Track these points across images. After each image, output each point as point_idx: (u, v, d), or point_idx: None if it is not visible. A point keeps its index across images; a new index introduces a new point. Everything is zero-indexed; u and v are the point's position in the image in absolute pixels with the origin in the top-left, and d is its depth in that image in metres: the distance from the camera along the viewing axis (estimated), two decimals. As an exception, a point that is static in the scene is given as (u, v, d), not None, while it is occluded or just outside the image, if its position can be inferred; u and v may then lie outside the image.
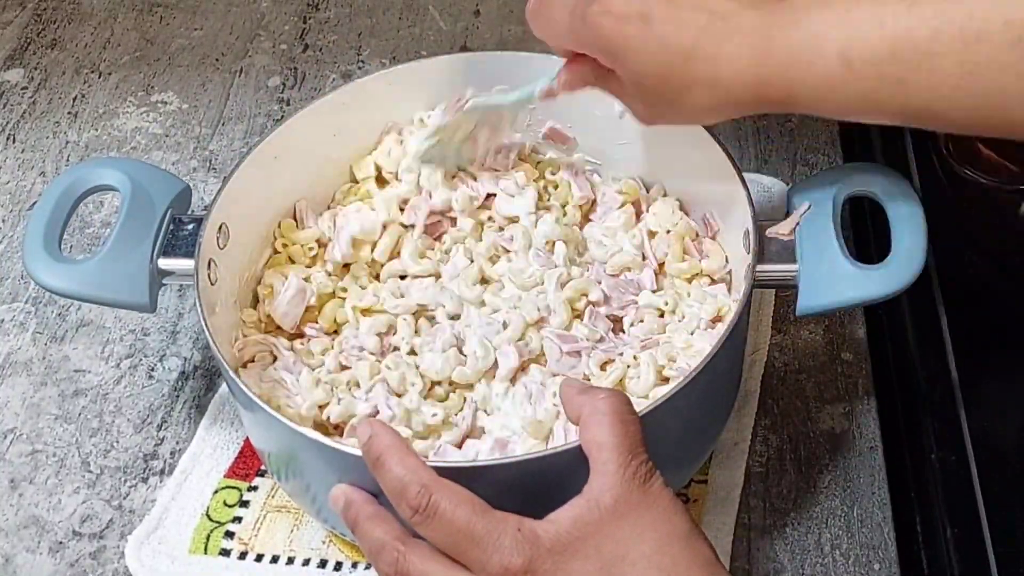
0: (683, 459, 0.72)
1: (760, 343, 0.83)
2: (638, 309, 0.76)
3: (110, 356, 0.87)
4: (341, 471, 0.65)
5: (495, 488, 0.60)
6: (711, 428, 0.74)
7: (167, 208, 0.77)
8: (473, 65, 0.83)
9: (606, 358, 0.74)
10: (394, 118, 0.84)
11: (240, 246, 0.77)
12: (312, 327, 0.77)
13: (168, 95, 1.06)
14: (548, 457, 0.63)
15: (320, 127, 0.81)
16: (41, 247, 0.75)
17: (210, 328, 0.69)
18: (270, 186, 0.80)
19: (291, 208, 0.82)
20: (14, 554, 0.76)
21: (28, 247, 0.76)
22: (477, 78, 0.81)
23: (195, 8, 1.14)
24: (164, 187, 0.79)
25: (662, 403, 0.64)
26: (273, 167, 0.79)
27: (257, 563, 0.74)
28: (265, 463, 0.76)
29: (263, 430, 0.70)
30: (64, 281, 0.75)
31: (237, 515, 0.76)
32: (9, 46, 1.11)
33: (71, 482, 0.80)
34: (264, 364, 0.75)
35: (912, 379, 0.81)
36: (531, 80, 0.76)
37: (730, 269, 0.77)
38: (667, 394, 0.64)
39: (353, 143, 0.84)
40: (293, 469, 0.70)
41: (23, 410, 0.84)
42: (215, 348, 0.68)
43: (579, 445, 0.60)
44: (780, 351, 0.83)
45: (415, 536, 0.59)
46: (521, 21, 1.10)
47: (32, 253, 0.75)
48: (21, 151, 1.02)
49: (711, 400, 0.72)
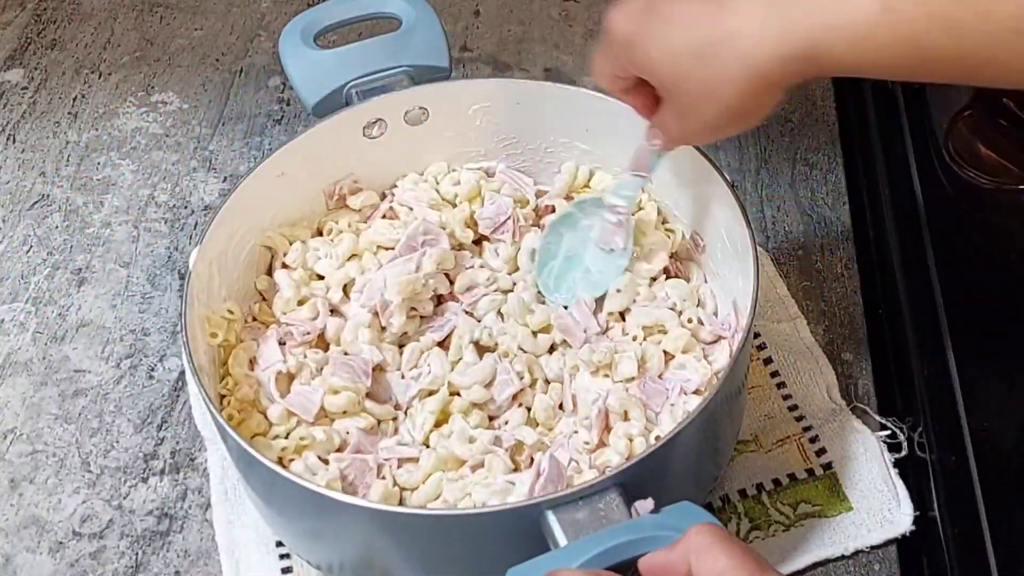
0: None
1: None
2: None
3: (110, 356, 0.87)
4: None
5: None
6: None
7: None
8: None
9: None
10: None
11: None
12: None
13: (168, 95, 1.06)
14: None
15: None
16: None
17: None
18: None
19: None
20: (14, 554, 0.76)
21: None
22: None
23: (195, 8, 1.14)
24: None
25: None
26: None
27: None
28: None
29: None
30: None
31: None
32: (9, 46, 1.11)
33: (71, 482, 0.80)
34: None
35: (912, 379, 0.81)
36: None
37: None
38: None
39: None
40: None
41: (23, 410, 0.84)
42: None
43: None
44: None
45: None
46: (521, 21, 1.10)
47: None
48: (21, 151, 1.02)
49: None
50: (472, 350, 0.77)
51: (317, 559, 0.73)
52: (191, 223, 0.95)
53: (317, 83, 0.84)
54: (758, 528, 0.74)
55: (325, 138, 0.81)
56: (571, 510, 0.62)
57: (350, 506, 0.64)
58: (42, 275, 0.92)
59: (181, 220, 0.95)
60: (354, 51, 0.85)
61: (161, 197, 0.97)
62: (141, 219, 0.95)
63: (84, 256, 0.93)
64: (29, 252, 0.94)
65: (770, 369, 0.82)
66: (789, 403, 0.80)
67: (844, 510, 0.74)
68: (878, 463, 0.76)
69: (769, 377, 0.81)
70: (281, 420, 0.74)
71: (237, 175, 0.97)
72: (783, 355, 0.82)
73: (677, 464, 0.67)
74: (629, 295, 0.78)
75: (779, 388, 0.81)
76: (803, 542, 0.73)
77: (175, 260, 0.92)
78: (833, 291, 0.87)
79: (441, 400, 0.75)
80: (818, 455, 0.77)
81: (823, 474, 0.76)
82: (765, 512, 0.75)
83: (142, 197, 0.97)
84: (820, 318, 0.85)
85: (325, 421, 0.75)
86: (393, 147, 0.84)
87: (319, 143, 0.81)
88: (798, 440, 0.78)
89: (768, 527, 0.74)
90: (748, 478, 0.76)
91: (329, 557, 0.72)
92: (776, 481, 0.76)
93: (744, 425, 0.78)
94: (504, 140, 0.86)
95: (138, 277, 0.91)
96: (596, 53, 0.70)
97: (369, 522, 0.66)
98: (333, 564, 0.72)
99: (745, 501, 0.76)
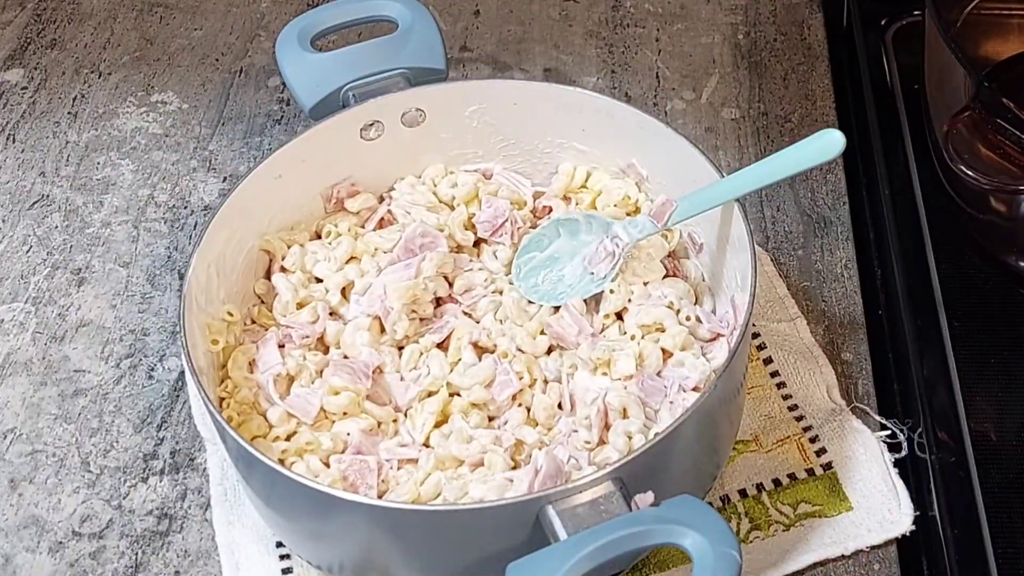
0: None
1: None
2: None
3: (110, 356, 0.87)
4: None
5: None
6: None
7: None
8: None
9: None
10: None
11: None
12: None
13: (168, 95, 1.06)
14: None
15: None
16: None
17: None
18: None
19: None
20: (14, 554, 0.76)
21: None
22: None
23: (195, 8, 1.14)
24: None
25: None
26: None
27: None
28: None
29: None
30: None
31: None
32: (9, 46, 1.11)
33: (71, 482, 0.80)
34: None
35: (912, 379, 0.81)
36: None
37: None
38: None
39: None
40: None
41: (23, 410, 0.84)
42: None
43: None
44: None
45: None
46: (521, 21, 1.10)
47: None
48: (21, 151, 1.02)
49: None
50: (471, 351, 0.77)
51: (318, 559, 0.73)
52: (191, 223, 0.95)
53: (314, 86, 0.84)
54: (758, 528, 0.74)
55: (322, 140, 0.81)
56: (571, 504, 0.62)
57: (351, 504, 0.64)
58: (42, 275, 0.92)
59: (181, 220, 0.95)
60: (351, 53, 0.85)
61: (161, 197, 0.97)
62: (141, 219, 0.96)
63: (84, 256, 0.93)
64: (29, 252, 0.94)
65: (770, 369, 0.82)
66: (789, 403, 0.80)
67: (844, 510, 0.74)
68: (878, 463, 0.76)
69: (769, 377, 0.81)
70: (281, 422, 0.74)
71: (237, 175, 0.97)
72: (783, 355, 0.82)
73: (676, 460, 0.67)
74: (623, 295, 0.78)
75: (779, 388, 0.81)
76: (803, 542, 0.73)
77: (175, 260, 0.92)
78: (833, 291, 0.87)
79: (441, 401, 0.75)
80: (818, 455, 0.77)
81: (823, 474, 0.76)
82: (765, 512, 0.75)
83: (142, 197, 0.97)
84: (820, 318, 0.85)
85: (325, 423, 0.75)
86: (390, 149, 0.84)
87: (316, 145, 0.81)
88: (798, 440, 0.78)
89: (768, 527, 0.74)
90: (748, 478, 0.76)
91: (330, 557, 0.72)
92: (776, 481, 0.76)
93: (744, 425, 0.78)
94: (502, 141, 0.86)
95: (138, 277, 0.91)
96: None
97: (370, 519, 0.66)
98: (334, 564, 0.72)
99: (745, 501, 0.76)
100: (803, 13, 1.10)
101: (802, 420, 0.79)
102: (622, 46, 1.07)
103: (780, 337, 0.83)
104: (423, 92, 0.83)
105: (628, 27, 1.09)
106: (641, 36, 1.08)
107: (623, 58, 1.06)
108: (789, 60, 1.05)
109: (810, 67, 1.04)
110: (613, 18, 1.10)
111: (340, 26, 0.87)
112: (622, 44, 1.08)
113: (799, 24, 1.09)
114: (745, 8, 1.10)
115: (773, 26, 1.08)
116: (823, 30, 1.08)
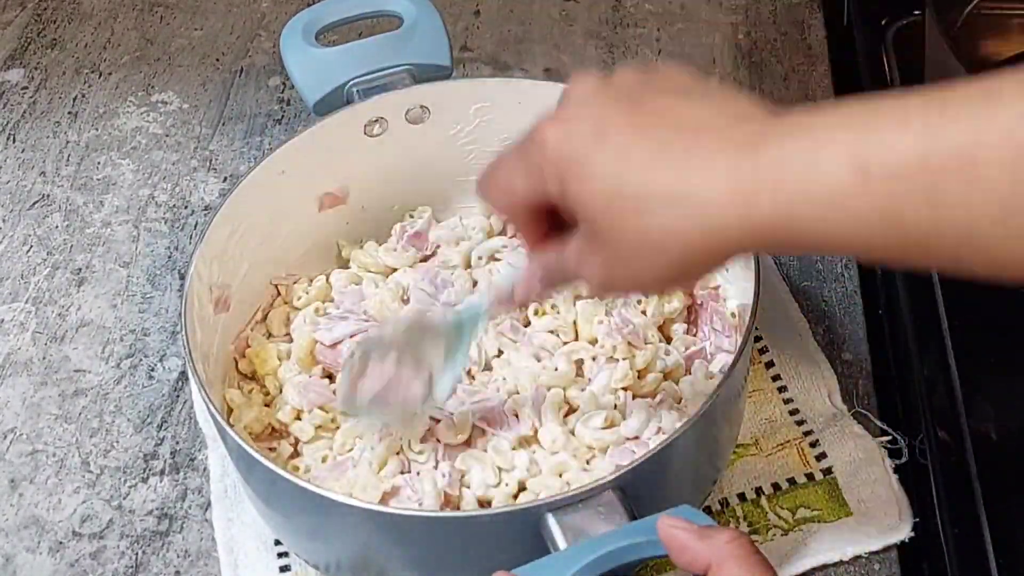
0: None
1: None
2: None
3: (110, 356, 0.87)
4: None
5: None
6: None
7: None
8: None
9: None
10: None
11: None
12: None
13: (168, 95, 1.06)
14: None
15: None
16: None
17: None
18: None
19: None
20: (14, 554, 0.76)
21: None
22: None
23: (195, 8, 1.14)
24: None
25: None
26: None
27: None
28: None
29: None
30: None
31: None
32: (9, 46, 1.11)
33: (71, 482, 0.80)
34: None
35: (912, 379, 0.81)
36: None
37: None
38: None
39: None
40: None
41: (23, 410, 0.84)
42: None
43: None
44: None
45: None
46: (521, 21, 1.10)
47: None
48: (21, 151, 1.02)
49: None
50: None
51: (315, 559, 0.73)
52: (191, 223, 0.95)
53: (318, 81, 0.84)
54: (756, 532, 0.74)
55: (326, 136, 0.81)
56: (571, 513, 0.62)
57: (349, 507, 0.64)
58: (42, 275, 0.92)
59: (181, 220, 0.95)
60: (355, 49, 0.85)
61: (161, 197, 0.97)
62: (141, 219, 0.96)
63: (84, 256, 0.93)
64: (29, 252, 0.94)
65: (772, 372, 0.81)
66: (790, 407, 0.80)
67: (843, 515, 0.74)
68: (878, 468, 0.76)
69: (770, 380, 0.81)
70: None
71: (237, 175, 0.97)
72: (785, 358, 0.82)
73: (676, 466, 0.67)
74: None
75: (780, 392, 0.81)
76: (802, 546, 0.73)
77: (175, 260, 0.92)
78: (833, 291, 0.87)
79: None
80: (818, 460, 0.77)
81: (823, 479, 0.76)
82: (764, 516, 0.75)
83: (142, 197, 0.97)
84: (820, 318, 0.85)
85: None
86: (394, 146, 0.84)
87: (320, 141, 0.81)
88: (798, 444, 0.78)
89: (767, 531, 0.74)
90: (747, 482, 0.76)
91: (327, 557, 0.72)
92: (775, 485, 0.76)
93: (744, 428, 0.78)
94: (505, 139, 0.85)
95: (138, 277, 0.91)
96: (500, 161, 0.60)
97: (367, 523, 0.66)
98: (331, 564, 0.72)
99: (744, 505, 0.75)
100: (803, 13, 1.10)
101: (803, 424, 0.79)
102: (622, 46, 1.07)
103: (783, 340, 0.83)
104: (428, 89, 0.83)
105: (628, 27, 1.09)
106: (641, 36, 1.08)
107: (623, 58, 1.06)
108: (789, 60, 1.05)
109: (810, 67, 1.04)
110: (613, 18, 1.10)
111: (346, 20, 0.88)
112: (622, 44, 1.08)
113: (799, 24, 1.09)
114: (745, 8, 1.10)
115: (773, 26, 1.08)
116: (823, 30, 1.08)
